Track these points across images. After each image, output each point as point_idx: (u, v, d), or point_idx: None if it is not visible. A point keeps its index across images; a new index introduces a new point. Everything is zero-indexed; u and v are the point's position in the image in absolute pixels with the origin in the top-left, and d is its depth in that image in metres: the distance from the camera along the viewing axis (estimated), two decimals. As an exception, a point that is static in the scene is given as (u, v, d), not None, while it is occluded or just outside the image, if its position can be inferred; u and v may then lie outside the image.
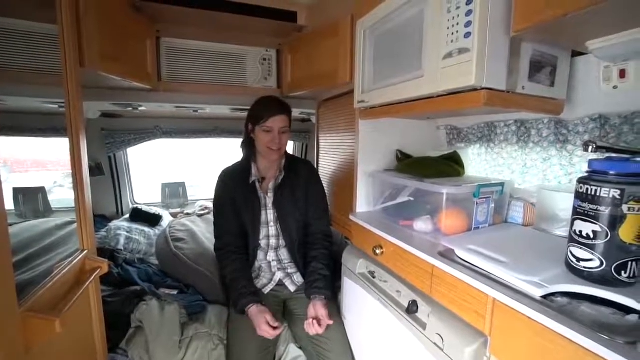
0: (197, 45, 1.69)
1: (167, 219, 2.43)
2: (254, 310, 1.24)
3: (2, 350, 0.59)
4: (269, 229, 1.41)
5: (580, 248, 0.66)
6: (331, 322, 1.25)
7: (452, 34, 0.78)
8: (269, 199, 1.40)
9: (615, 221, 0.61)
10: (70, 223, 1.89)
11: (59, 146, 2.39)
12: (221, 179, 1.45)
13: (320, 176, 1.55)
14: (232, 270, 1.34)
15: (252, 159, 1.42)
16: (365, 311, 1.21)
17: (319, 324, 1.23)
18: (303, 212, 1.42)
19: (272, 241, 1.42)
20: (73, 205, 0.95)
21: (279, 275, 1.43)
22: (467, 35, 0.74)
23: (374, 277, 1.20)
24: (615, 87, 0.86)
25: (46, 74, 1.28)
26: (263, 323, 1.21)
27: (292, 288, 1.42)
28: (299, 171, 1.43)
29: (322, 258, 1.38)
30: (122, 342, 1.25)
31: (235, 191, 1.40)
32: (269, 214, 1.40)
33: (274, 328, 1.21)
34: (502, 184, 1.05)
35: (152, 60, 1.56)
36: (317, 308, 1.26)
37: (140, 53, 1.50)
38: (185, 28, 1.65)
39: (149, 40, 1.54)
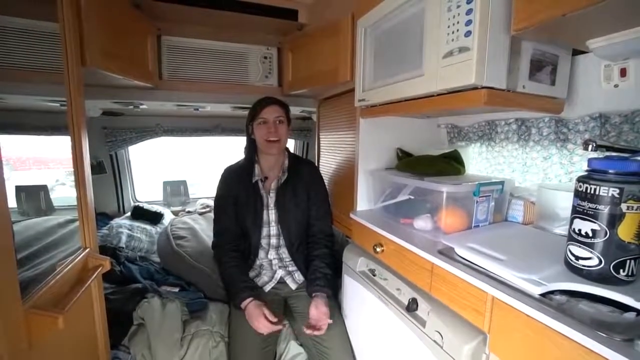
0: (198, 43, 1.69)
1: (168, 217, 2.44)
2: (252, 305, 1.24)
3: (6, 346, 0.59)
4: (270, 229, 1.41)
5: (579, 246, 0.66)
6: (330, 321, 1.25)
7: (453, 32, 0.78)
8: (271, 199, 1.40)
9: (614, 220, 0.61)
10: (72, 221, 1.90)
11: (61, 144, 2.40)
12: (224, 177, 1.46)
13: (322, 174, 1.55)
14: (230, 267, 1.35)
15: (255, 159, 1.43)
16: (365, 309, 1.22)
17: (317, 327, 1.23)
18: (305, 212, 1.43)
19: (273, 240, 1.42)
20: (75, 203, 0.95)
21: (280, 273, 1.43)
22: (468, 34, 0.74)
23: (374, 275, 1.20)
24: (616, 86, 0.86)
25: (47, 72, 1.28)
26: (260, 316, 1.21)
27: (293, 286, 1.43)
28: (302, 171, 1.44)
29: (324, 257, 1.38)
30: (124, 339, 1.26)
31: (237, 189, 1.41)
32: (270, 214, 1.41)
33: (273, 323, 1.21)
34: (502, 183, 1.05)
35: (153, 58, 1.57)
36: (319, 306, 1.26)
37: (141, 51, 1.51)
38: (186, 26, 1.65)
39: (150, 38, 1.54)
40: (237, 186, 1.41)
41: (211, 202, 2.52)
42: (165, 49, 1.64)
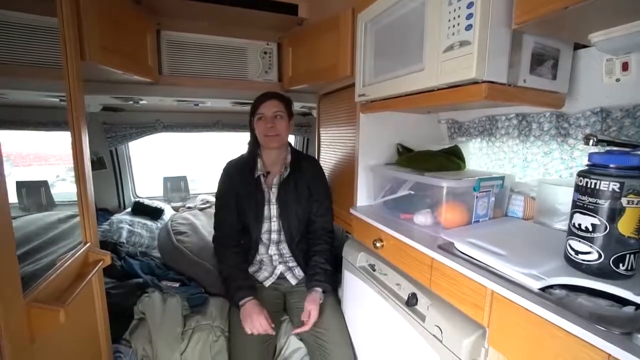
0: (198, 38, 1.68)
1: (168, 213, 2.44)
2: (250, 304, 1.24)
3: (8, 340, 0.60)
4: (271, 224, 1.42)
5: (579, 241, 0.66)
6: (314, 319, 1.25)
7: (453, 26, 0.77)
8: (273, 194, 1.40)
9: (614, 214, 0.61)
10: (73, 216, 1.90)
11: (61, 140, 2.40)
12: (226, 171, 1.46)
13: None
14: (230, 264, 1.35)
15: (258, 154, 1.43)
16: (365, 304, 1.22)
17: (305, 322, 1.25)
18: (306, 208, 1.43)
19: (274, 236, 1.42)
20: (75, 198, 0.95)
21: (280, 268, 1.44)
22: (468, 27, 0.73)
23: (374, 270, 1.21)
24: (617, 80, 0.85)
25: (47, 67, 1.27)
26: (261, 314, 1.21)
27: (293, 281, 1.43)
28: (304, 167, 1.44)
29: (324, 253, 1.39)
30: (125, 333, 1.27)
31: (239, 184, 1.41)
32: (271, 209, 1.41)
33: (269, 326, 1.21)
34: (502, 178, 1.05)
35: (153, 53, 1.56)
36: (309, 301, 1.27)
37: (141, 46, 1.50)
38: (185, 21, 1.64)
39: (149, 33, 1.53)
40: (239, 181, 1.41)
41: (211, 198, 2.53)
42: (164, 44, 1.63)
